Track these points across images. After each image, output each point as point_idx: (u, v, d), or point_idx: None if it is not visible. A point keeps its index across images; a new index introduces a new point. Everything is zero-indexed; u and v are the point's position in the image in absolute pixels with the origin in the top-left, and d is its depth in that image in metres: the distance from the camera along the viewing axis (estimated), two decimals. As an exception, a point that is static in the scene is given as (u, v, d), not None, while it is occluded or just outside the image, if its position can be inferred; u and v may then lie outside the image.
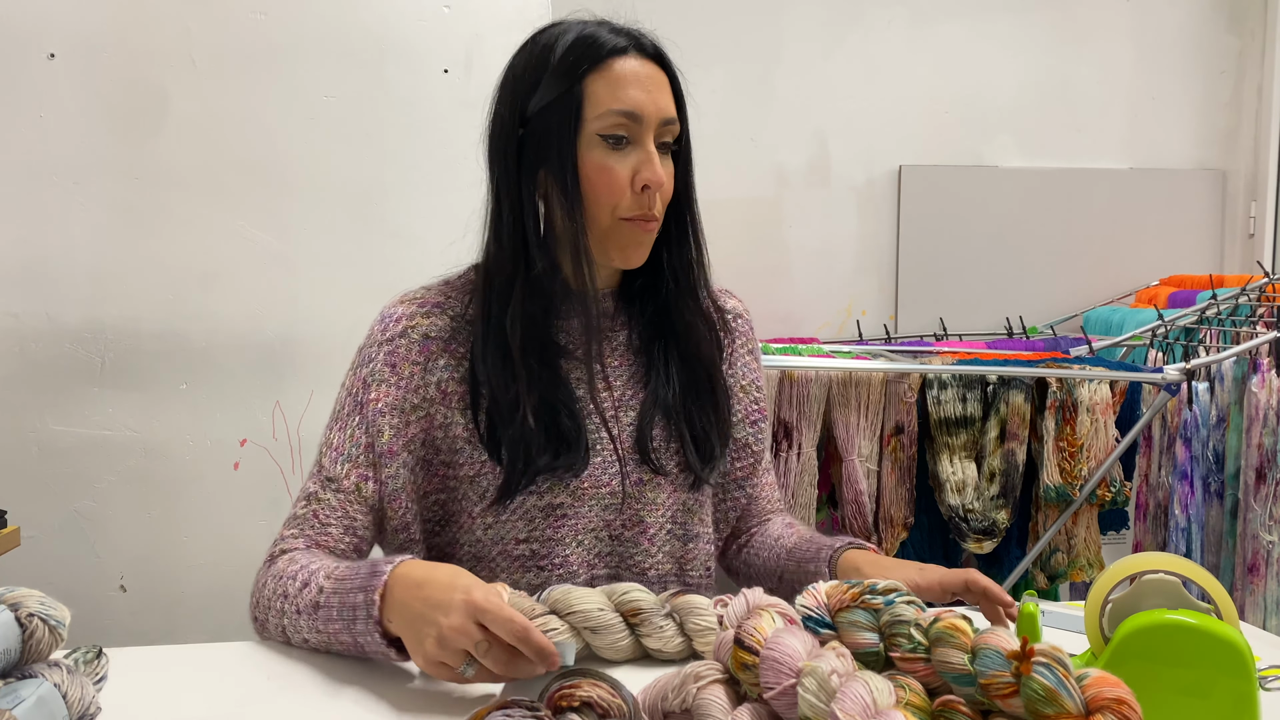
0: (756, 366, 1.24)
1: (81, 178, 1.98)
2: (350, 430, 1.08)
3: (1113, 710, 0.65)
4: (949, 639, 0.71)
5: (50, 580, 1.97)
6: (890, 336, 3.33)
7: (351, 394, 1.10)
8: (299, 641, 1.00)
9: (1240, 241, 3.58)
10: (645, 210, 1.05)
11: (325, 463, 1.09)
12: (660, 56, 1.07)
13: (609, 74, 1.03)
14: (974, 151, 3.44)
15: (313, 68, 2.05)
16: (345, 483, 1.07)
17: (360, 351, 1.12)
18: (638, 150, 1.04)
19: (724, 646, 0.79)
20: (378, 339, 1.10)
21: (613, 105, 1.03)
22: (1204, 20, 3.54)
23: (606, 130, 1.03)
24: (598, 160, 1.04)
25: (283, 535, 1.09)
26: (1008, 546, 2.43)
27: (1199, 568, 0.83)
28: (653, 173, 1.03)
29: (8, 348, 1.97)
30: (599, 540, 1.11)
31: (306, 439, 2.09)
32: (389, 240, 2.10)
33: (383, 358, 1.09)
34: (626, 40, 1.05)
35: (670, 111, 1.05)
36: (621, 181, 1.04)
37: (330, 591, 0.95)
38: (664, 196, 1.07)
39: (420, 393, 1.08)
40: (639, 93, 1.03)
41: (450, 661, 0.84)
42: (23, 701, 0.71)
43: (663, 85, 1.06)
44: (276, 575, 1.03)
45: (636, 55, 1.05)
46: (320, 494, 1.08)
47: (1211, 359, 2.32)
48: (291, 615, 0.98)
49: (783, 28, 3.26)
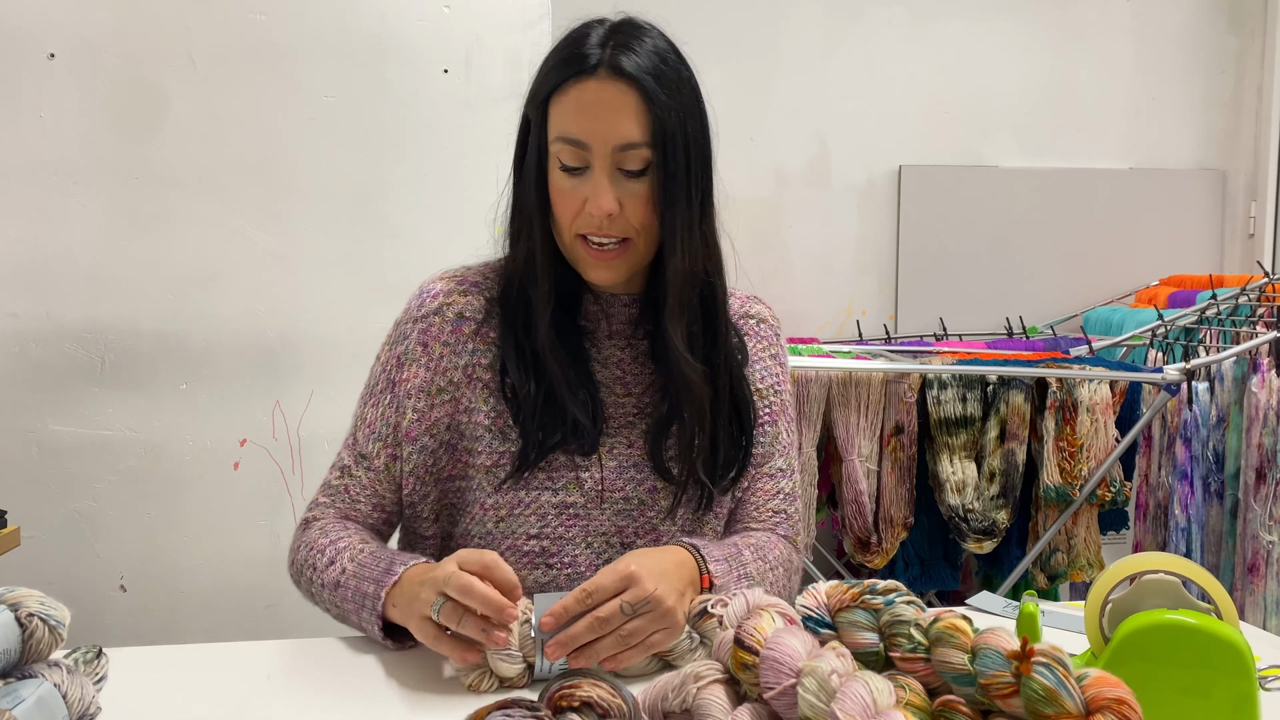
0: (779, 370, 1.22)
1: (81, 178, 1.98)
2: (382, 408, 1.13)
3: (1113, 710, 0.65)
4: (949, 639, 0.71)
5: (50, 580, 1.97)
6: (890, 336, 3.33)
7: (385, 369, 1.14)
8: (322, 608, 1.09)
9: (1240, 241, 3.58)
10: (600, 230, 1.04)
11: (359, 437, 1.14)
12: (633, 76, 1.00)
13: (565, 99, 1.02)
14: (974, 151, 3.44)
15: (313, 68, 2.05)
16: (376, 461, 1.12)
17: (396, 326, 1.15)
18: (591, 177, 1.03)
19: (724, 646, 0.79)
20: (414, 314, 1.13)
21: (563, 132, 1.02)
22: (1204, 20, 3.54)
23: (559, 156, 1.03)
24: (556, 182, 1.05)
25: (317, 500, 1.15)
26: (1008, 546, 2.43)
27: (1199, 568, 0.83)
28: (597, 202, 1.02)
29: (8, 348, 1.97)
30: (610, 545, 1.11)
31: (306, 439, 2.09)
32: (389, 240, 2.10)
33: (416, 335, 1.12)
34: (600, 57, 1.01)
35: (629, 137, 1.01)
36: (574, 207, 1.04)
37: (350, 575, 1.03)
38: (632, 220, 1.04)
39: (448, 375, 1.11)
40: (586, 119, 1.01)
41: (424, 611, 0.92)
42: (23, 701, 0.71)
43: (623, 108, 1.00)
44: (308, 545, 1.10)
45: (605, 76, 1.01)
46: (353, 469, 1.14)
47: (1211, 359, 2.32)
48: (317, 586, 1.07)
49: (783, 28, 3.26)
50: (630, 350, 1.14)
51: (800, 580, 1.17)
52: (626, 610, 0.90)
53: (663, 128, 1.01)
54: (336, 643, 1.05)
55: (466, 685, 0.91)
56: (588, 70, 1.01)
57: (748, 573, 1.07)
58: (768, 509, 1.19)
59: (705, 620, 0.95)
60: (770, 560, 1.12)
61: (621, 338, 1.14)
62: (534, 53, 2.12)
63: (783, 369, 1.23)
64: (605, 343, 1.14)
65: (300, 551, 1.12)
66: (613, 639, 0.90)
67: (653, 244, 1.08)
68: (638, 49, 1.02)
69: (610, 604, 0.90)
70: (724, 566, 1.04)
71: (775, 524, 1.18)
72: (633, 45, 1.02)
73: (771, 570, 1.11)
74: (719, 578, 1.02)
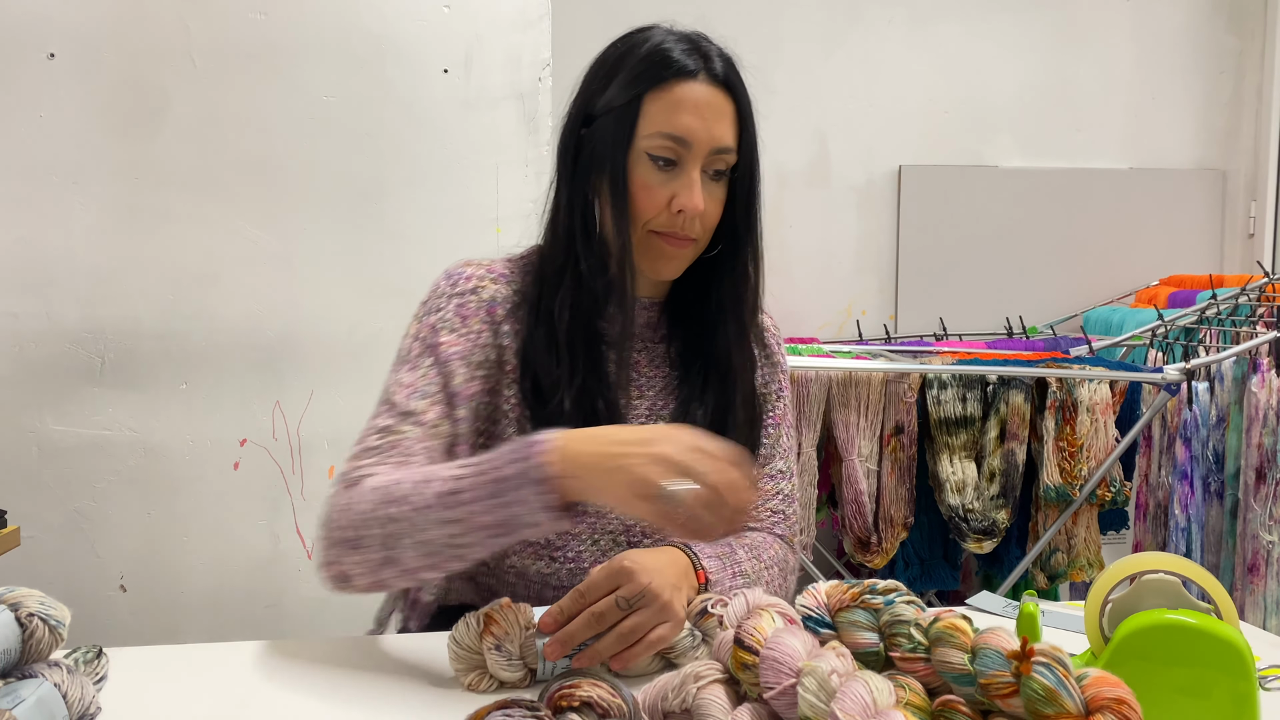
0: (780, 377, 1.25)
1: (81, 178, 1.98)
2: (423, 370, 1.06)
3: (1113, 710, 0.65)
4: (949, 639, 0.71)
5: (50, 580, 1.97)
6: (890, 336, 3.33)
7: (419, 339, 1.09)
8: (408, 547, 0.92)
9: (1240, 241, 3.58)
10: (676, 229, 1.07)
11: (398, 399, 1.05)
12: (731, 83, 1.07)
13: (668, 96, 1.05)
14: (974, 151, 3.44)
15: (313, 68, 2.05)
16: (425, 417, 1.04)
17: (424, 304, 1.12)
18: (682, 174, 1.06)
19: (724, 646, 0.79)
20: (446, 291, 1.11)
21: (663, 128, 1.05)
22: (1204, 20, 3.54)
23: (654, 150, 1.05)
24: (642, 177, 1.06)
25: (358, 464, 1.01)
26: (1008, 546, 2.44)
27: (1199, 568, 0.83)
28: (689, 199, 1.05)
29: (8, 348, 1.97)
30: (615, 543, 1.12)
31: (307, 439, 2.09)
32: (389, 240, 2.10)
33: (453, 308, 1.10)
34: (698, 63, 1.06)
35: (725, 141, 1.06)
36: (659, 201, 1.06)
37: (468, 476, 0.90)
38: (705, 222, 1.08)
39: (485, 352, 1.09)
40: (693, 119, 1.05)
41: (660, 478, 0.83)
42: (23, 701, 0.71)
43: (723, 114, 1.07)
44: (374, 489, 0.96)
45: (704, 80, 1.06)
46: (397, 427, 1.03)
47: (1211, 359, 2.32)
48: (408, 514, 0.92)
49: (782, 28, 3.26)
50: (646, 353, 1.16)
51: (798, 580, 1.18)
52: (622, 605, 0.90)
53: (749, 138, 1.09)
54: (336, 643, 1.05)
55: (465, 685, 0.91)
56: (689, 73, 1.05)
57: (742, 570, 1.08)
58: (766, 509, 1.21)
59: (706, 619, 0.95)
60: (765, 559, 1.13)
61: (639, 340, 1.16)
62: (534, 53, 2.12)
63: (784, 376, 1.26)
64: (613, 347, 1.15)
65: (357, 507, 0.95)
66: (614, 637, 0.90)
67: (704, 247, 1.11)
68: (724, 59, 1.09)
69: (606, 599, 0.90)
70: (718, 563, 1.04)
71: (773, 524, 1.20)
72: (720, 54, 1.09)
73: (767, 569, 1.12)
74: (713, 573, 1.02)
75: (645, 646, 0.91)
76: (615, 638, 0.90)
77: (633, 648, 0.91)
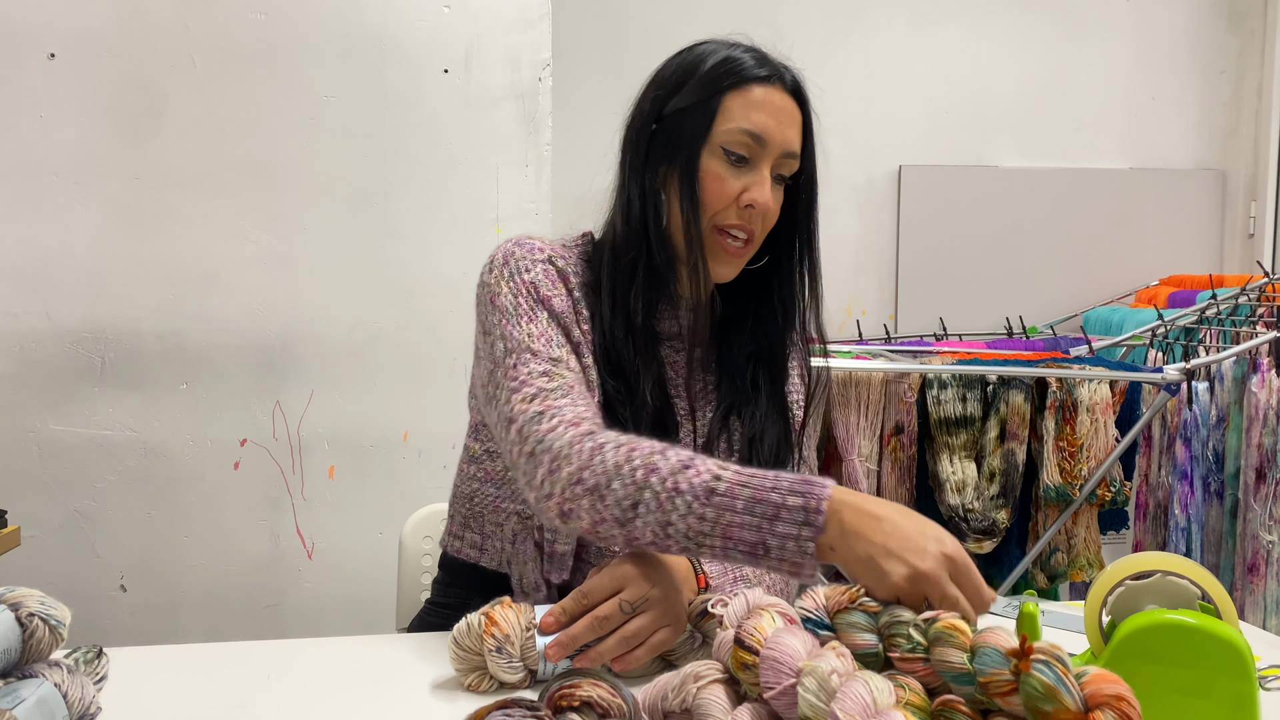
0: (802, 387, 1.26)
1: (81, 178, 1.98)
2: (543, 323, 1.07)
3: (1112, 707, 0.65)
4: (948, 638, 0.72)
5: (50, 580, 1.97)
6: (890, 336, 3.33)
7: (524, 295, 1.09)
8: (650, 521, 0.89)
9: (1240, 241, 3.58)
10: (743, 223, 1.10)
11: (538, 347, 1.04)
12: (800, 94, 1.13)
13: (748, 95, 1.10)
14: (974, 151, 3.44)
15: (313, 68, 2.05)
16: (571, 364, 1.05)
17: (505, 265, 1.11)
18: (754, 171, 1.10)
19: (724, 646, 0.79)
20: (526, 257, 1.11)
21: (742, 124, 1.09)
22: (1204, 20, 3.54)
23: (730, 145, 1.09)
24: (715, 169, 1.09)
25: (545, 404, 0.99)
26: (1008, 546, 2.43)
27: (1199, 568, 0.83)
28: (760, 194, 1.09)
29: (8, 348, 1.97)
30: None
31: (307, 439, 2.09)
32: (389, 240, 2.10)
33: (540, 270, 1.10)
34: (770, 70, 1.11)
35: (794, 145, 1.11)
36: (730, 194, 1.09)
37: (735, 483, 0.87)
38: (766, 222, 1.12)
39: (569, 316, 1.10)
40: (769, 119, 1.09)
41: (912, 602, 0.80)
42: (23, 701, 0.71)
43: (794, 120, 1.12)
44: (617, 444, 0.93)
45: (778, 87, 1.11)
46: (556, 371, 1.03)
47: (1211, 359, 2.32)
48: (657, 489, 0.89)
49: (782, 28, 3.25)
50: (684, 355, 1.18)
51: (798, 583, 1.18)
52: (625, 608, 0.90)
53: (811, 148, 1.15)
54: (336, 643, 1.05)
55: (465, 686, 0.91)
56: (770, 79, 1.11)
57: (744, 574, 1.08)
58: None
59: (706, 620, 0.96)
60: None
61: (680, 340, 1.18)
62: (534, 53, 2.13)
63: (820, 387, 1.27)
64: (664, 344, 1.17)
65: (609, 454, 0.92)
66: (617, 640, 0.91)
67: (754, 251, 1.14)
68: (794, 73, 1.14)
69: (609, 603, 0.91)
70: (719, 568, 1.04)
71: None
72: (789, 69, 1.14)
73: (770, 573, 1.12)
74: (714, 578, 1.03)
75: (648, 650, 0.92)
76: (618, 641, 0.90)
77: (635, 651, 0.91)
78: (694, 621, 0.96)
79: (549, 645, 0.90)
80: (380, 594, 1.93)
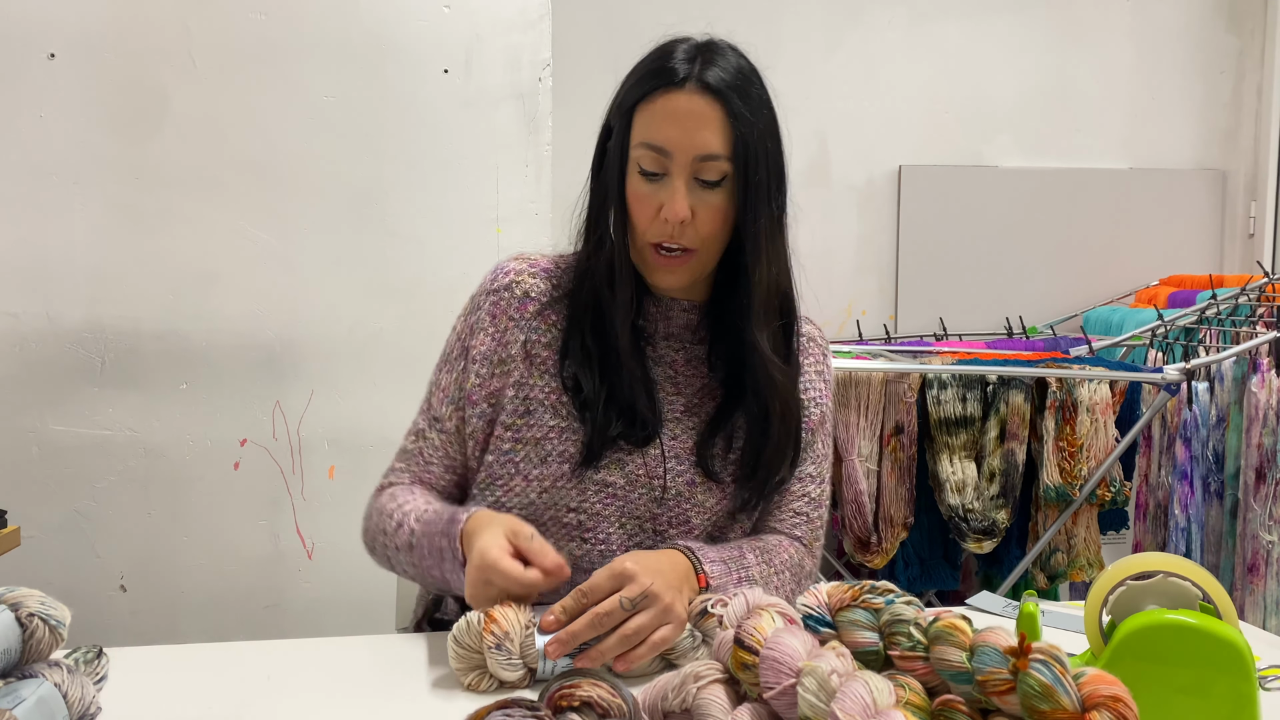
0: (822, 385, 1.24)
1: (81, 178, 1.98)
2: (455, 373, 1.19)
3: (1109, 707, 0.65)
4: (947, 637, 0.72)
5: (50, 580, 1.97)
6: (890, 336, 3.33)
7: (460, 338, 1.20)
8: (399, 571, 1.16)
9: (1240, 241, 3.58)
10: (664, 238, 1.09)
11: (434, 402, 1.20)
12: (721, 91, 1.06)
13: (651, 107, 1.07)
14: (974, 151, 3.44)
15: (313, 68, 2.05)
16: (448, 424, 1.18)
17: (472, 298, 1.22)
18: (668, 183, 1.07)
19: (724, 646, 0.79)
20: (487, 288, 1.20)
21: (645, 138, 1.07)
22: (1204, 20, 3.54)
23: (641, 161, 1.08)
24: (635, 188, 1.09)
25: (394, 467, 1.21)
26: (1008, 546, 2.43)
27: (1199, 568, 0.83)
28: (671, 207, 1.07)
29: (8, 348, 1.97)
30: (642, 529, 1.14)
31: (307, 439, 2.09)
32: (389, 240, 2.10)
33: (488, 307, 1.18)
34: (688, 70, 1.07)
35: (709, 148, 1.06)
36: (649, 210, 1.09)
37: (420, 534, 1.08)
38: (700, 230, 1.09)
39: (509, 348, 1.16)
40: (671, 128, 1.06)
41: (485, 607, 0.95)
42: (23, 701, 0.71)
43: (707, 122, 1.06)
44: (379, 510, 1.16)
45: (690, 89, 1.06)
46: (427, 432, 1.20)
47: (1211, 359, 2.32)
48: (392, 550, 1.13)
49: (782, 28, 3.26)
50: (684, 353, 1.18)
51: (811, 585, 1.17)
52: (625, 605, 0.91)
53: (744, 143, 1.07)
54: (336, 643, 1.05)
55: (465, 685, 0.91)
56: (676, 83, 1.07)
57: (749, 575, 1.08)
58: (789, 509, 1.20)
59: (706, 620, 0.96)
60: (776, 564, 1.13)
61: (677, 340, 1.18)
62: (534, 53, 2.13)
63: (826, 386, 1.26)
64: (660, 343, 1.18)
65: (372, 519, 1.17)
66: (617, 639, 0.91)
67: (716, 255, 1.13)
68: (724, 67, 1.08)
69: (609, 600, 0.91)
70: (721, 568, 1.05)
71: (793, 525, 1.20)
72: (719, 63, 1.08)
73: (777, 574, 1.12)
74: (715, 578, 1.03)
75: (648, 648, 0.92)
76: (618, 639, 0.91)
77: (635, 649, 0.91)
78: (694, 621, 0.96)
79: (549, 643, 0.90)
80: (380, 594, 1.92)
